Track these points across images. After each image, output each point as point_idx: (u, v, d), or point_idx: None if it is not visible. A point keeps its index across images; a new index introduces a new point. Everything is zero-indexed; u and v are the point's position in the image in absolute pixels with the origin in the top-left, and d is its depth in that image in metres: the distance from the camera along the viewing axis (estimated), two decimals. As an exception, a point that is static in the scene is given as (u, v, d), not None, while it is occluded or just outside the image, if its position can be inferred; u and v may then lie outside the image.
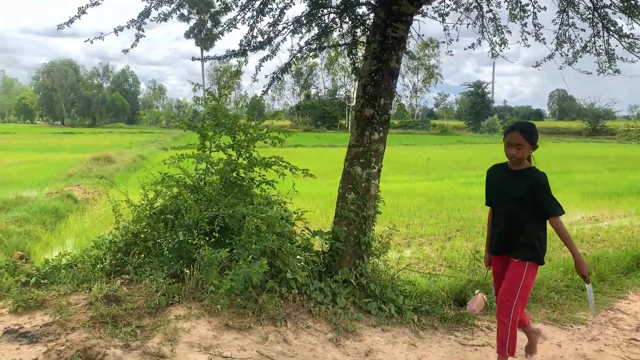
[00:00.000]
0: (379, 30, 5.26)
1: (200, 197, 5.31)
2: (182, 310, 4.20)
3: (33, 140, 42.70)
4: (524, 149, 3.71)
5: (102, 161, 22.42)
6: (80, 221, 11.63)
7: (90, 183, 16.88)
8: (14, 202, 12.78)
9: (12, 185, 16.29)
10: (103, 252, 5.30)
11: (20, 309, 4.33)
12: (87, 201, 14.25)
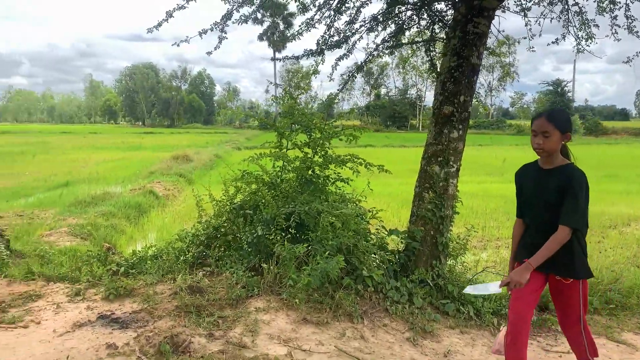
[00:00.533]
0: (459, 26, 5.15)
1: (277, 193, 5.42)
2: (261, 302, 4.31)
3: (117, 140, 45.25)
4: (551, 139, 3.03)
5: (181, 160, 23.37)
6: (161, 216, 12.19)
7: (170, 180, 17.65)
8: (102, 198, 13.60)
9: (100, 181, 17.33)
10: (186, 245, 5.53)
11: (111, 296, 4.61)
12: (168, 197, 14.92)
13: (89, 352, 3.57)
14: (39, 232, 9.79)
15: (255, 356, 3.42)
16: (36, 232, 9.71)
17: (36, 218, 11.37)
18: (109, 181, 17.49)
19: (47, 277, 5.41)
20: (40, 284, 5.23)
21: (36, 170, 20.83)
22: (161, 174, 19.01)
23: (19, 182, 17.79)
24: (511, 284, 3.02)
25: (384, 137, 47.92)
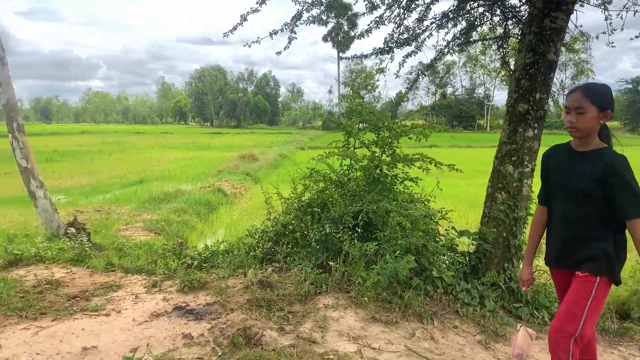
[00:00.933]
0: (536, 21, 4.97)
1: (345, 192, 5.44)
2: (330, 299, 4.34)
3: (187, 140, 46.91)
4: (587, 116, 2.58)
5: (247, 159, 23.92)
6: (229, 213, 12.53)
7: (237, 179, 18.09)
8: (173, 195, 14.15)
9: (172, 179, 18.03)
10: (256, 241, 5.66)
11: (186, 288, 4.79)
12: (235, 195, 15.31)
13: (166, 341, 3.72)
14: (116, 227, 10.31)
15: (325, 352, 3.45)
16: (114, 227, 10.24)
17: (113, 213, 11.98)
18: (180, 179, 18.15)
19: (125, 268, 5.70)
20: (120, 275, 5.51)
21: (112, 169, 21.96)
22: (229, 173, 19.53)
23: (97, 179, 18.80)
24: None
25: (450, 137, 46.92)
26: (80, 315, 4.30)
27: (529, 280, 3.10)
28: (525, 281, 3.10)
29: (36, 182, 7.75)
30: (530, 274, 3.09)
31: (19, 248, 6.00)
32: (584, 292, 2.64)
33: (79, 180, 18.26)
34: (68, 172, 20.22)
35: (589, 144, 2.68)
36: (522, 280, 3.11)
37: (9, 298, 4.57)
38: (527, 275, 3.09)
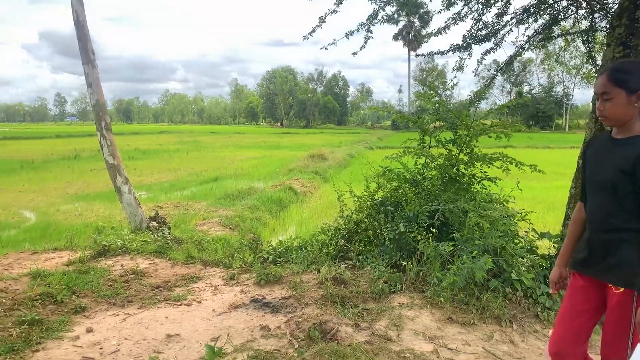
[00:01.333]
0: (627, 13, 4.69)
1: (420, 191, 5.38)
2: (404, 298, 4.31)
3: (258, 139, 48.01)
4: (615, 102, 2.22)
5: (317, 158, 24.15)
6: (299, 211, 12.71)
7: (307, 177, 18.31)
8: (247, 192, 14.54)
9: (245, 177, 18.52)
10: (329, 238, 5.71)
11: (262, 281, 4.91)
12: (305, 193, 15.51)
13: (244, 331, 3.84)
14: (194, 222, 10.73)
15: (401, 350, 3.43)
16: (191, 222, 10.66)
17: (190, 209, 12.47)
18: (252, 177, 18.60)
19: (204, 261, 5.92)
20: (199, 267, 5.74)
21: (189, 166, 22.86)
22: (299, 172, 19.80)
23: (175, 176, 19.62)
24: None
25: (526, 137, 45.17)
26: (163, 304, 4.52)
27: (559, 282, 2.66)
28: (554, 283, 2.66)
29: (122, 178, 8.21)
30: (560, 276, 2.64)
31: (107, 240, 6.39)
32: (625, 312, 2.17)
33: (158, 177, 19.14)
34: (149, 169, 21.25)
35: (628, 131, 2.27)
36: (551, 281, 2.67)
37: (98, 286, 4.88)
38: (556, 277, 2.65)
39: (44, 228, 10.00)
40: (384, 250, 5.15)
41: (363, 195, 5.75)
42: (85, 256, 5.94)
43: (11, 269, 5.63)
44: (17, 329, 3.83)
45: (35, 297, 4.46)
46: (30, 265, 5.73)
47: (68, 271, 5.29)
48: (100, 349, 3.61)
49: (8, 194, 15.29)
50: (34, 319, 3.97)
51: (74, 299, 4.52)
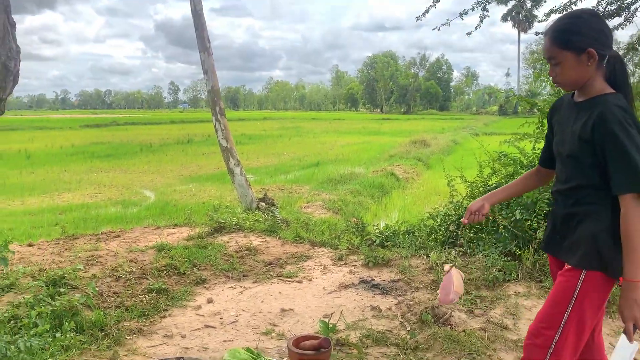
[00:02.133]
0: None
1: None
2: (520, 287, 4.14)
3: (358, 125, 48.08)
4: (565, 65, 1.93)
5: (419, 144, 23.74)
6: (402, 197, 12.60)
7: (409, 164, 18.07)
8: (348, 177, 14.65)
9: (346, 162, 18.66)
10: (438, 224, 5.61)
11: (370, 263, 4.93)
12: (407, 180, 15.33)
13: (355, 310, 3.89)
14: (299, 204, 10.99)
15: (518, 339, 3.30)
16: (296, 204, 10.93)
17: (294, 192, 12.80)
18: (353, 162, 18.69)
19: (312, 241, 6.06)
20: (307, 247, 5.89)
21: (292, 151, 23.45)
22: (400, 158, 19.59)
23: (279, 160, 20.24)
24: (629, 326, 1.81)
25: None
26: (276, 280, 4.69)
27: (475, 214, 2.32)
28: (469, 212, 2.33)
29: (234, 160, 8.60)
30: (480, 208, 2.31)
31: (222, 217, 6.74)
32: (566, 291, 1.93)
33: (264, 161, 19.86)
34: (254, 153, 22.09)
35: (588, 92, 1.97)
36: (467, 209, 2.35)
37: (216, 260, 5.17)
38: (475, 207, 2.32)
39: (163, 206, 10.77)
40: (497, 238, 4.96)
41: (475, 180, 5.57)
42: (203, 232, 6.32)
43: (138, 242, 6.12)
44: (146, 296, 4.17)
45: (161, 268, 4.82)
46: (155, 239, 6.20)
47: (188, 245, 5.66)
48: (220, 319, 3.83)
49: (130, 175, 16.64)
50: (160, 288, 4.30)
51: (195, 271, 4.83)
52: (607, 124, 1.82)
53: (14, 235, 8.06)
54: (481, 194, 5.45)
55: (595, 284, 1.91)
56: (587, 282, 1.90)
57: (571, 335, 1.93)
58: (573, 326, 1.92)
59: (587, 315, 1.93)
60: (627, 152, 1.78)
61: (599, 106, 1.87)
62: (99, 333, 3.45)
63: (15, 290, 4.17)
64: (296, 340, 3.08)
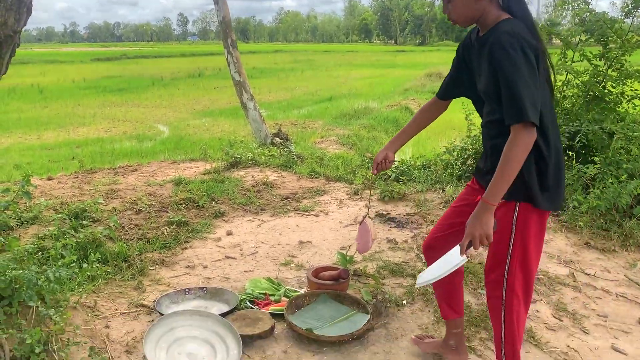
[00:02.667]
0: None
1: (559, 110, 5.00)
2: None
3: (371, 58, 47.06)
4: (455, 3, 1.93)
5: (434, 77, 23.24)
6: (416, 132, 12.47)
7: (424, 97, 17.79)
8: (362, 112, 14.50)
9: (359, 97, 18.41)
10: (454, 158, 5.58)
11: (386, 197, 4.96)
12: (422, 114, 15.13)
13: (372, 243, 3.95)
14: (312, 139, 10.97)
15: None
16: (310, 139, 10.90)
17: (307, 127, 12.74)
18: (367, 97, 18.44)
19: (327, 176, 6.08)
20: (322, 182, 5.92)
21: (304, 85, 23.14)
22: (415, 92, 19.30)
23: (291, 95, 20.02)
24: (475, 242, 1.85)
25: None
26: (293, 214, 4.76)
27: (382, 164, 2.42)
28: (376, 163, 2.43)
29: (247, 95, 8.51)
30: (385, 158, 2.41)
31: (238, 152, 6.76)
32: (505, 226, 1.94)
33: (276, 96, 19.66)
34: (266, 88, 21.83)
35: (485, 25, 1.94)
36: (374, 161, 2.44)
37: (233, 194, 5.23)
38: (380, 158, 2.42)
39: (177, 141, 10.80)
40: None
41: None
42: (219, 167, 6.36)
43: (155, 176, 6.19)
44: (167, 229, 4.26)
45: (180, 201, 4.89)
46: (172, 173, 6.26)
47: (205, 180, 5.71)
48: (240, 250, 3.92)
49: (143, 109, 16.62)
50: (180, 221, 4.38)
51: (214, 204, 4.90)
52: (494, 54, 1.80)
53: (33, 169, 8.21)
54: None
55: (528, 215, 1.93)
56: (522, 214, 1.92)
57: (519, 269, 1.98)
58: (518, 259, 1.97)
59: (531, 248, 1.97)
60: (510, 80, 1.74)
61: (494, 36, 1.83)
62: (122, 264, 3.55)
63: (39, 223, 4.27)
64: (315, 270, 3.15)
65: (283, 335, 2.70)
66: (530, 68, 1.75)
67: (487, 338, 2.67)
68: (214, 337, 2.56)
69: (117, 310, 2.96)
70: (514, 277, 1.98)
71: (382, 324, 2.79)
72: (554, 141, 1.91)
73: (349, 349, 2.57)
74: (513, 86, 1.73)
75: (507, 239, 1.95)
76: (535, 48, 1.79)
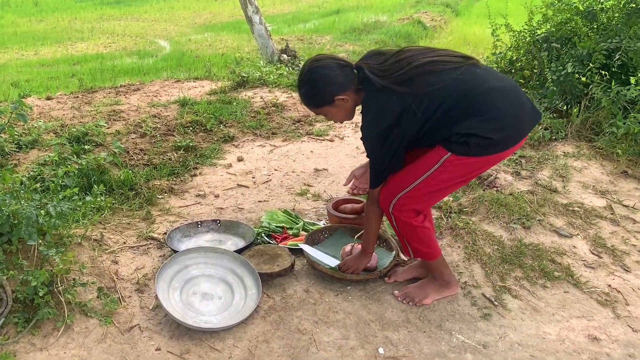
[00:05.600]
0: None
1: (596, 25, 4.57)
2: (569, 147, 3.88)
3: (380, -32, 44.54)
4: (330, 115, 2.19)
5: (447, -12, 21.98)
6: (430, 47, 11.90)
7: (437, 10, 16.92)
8: (372, 26, 13.78)
9: (368, 9, 17.52)
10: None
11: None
12: (435, 28, 14.40)
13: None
14: (321, 56, 10.44)
15: (569, 203, 3.12)
16: (318, 56, 10.38)
17: (315, 43, 12.14)
18: (376, 10, 17.54)
19: (340, 97, 5.74)
20: (335, 103, 5.59)
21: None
22: (427, 4, 18.30)
23: (296, 7, 19.07)
24: (347, 269, 2.41)
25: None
26: (306, 139, 4.49)
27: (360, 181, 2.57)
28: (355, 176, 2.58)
29: (252, 7, 7.96)
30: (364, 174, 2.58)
31: (245, 71, 6.37)
32: (428, 158, 2.07)
33: (280, 9, 18.73)
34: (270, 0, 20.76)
35: None
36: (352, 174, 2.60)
37: (242, 117, 4.94)
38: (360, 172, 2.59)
39: (179, 58, 10.30)
40: (543, 94, 4.59)
41: (523, 30, 5.03)
42: (226, 87, 6.02)
43: (159, 96, 5.87)
44: (174, 154, 4.02)
45: (186, 124, 4.62)
46: (176, 92, 5.93)
47: (212, 100, 5.40)
48: (252, 178, 3.70)
49: (143, 23, 15.87)
50: (188, 145, 4.13)
51: (222, 128, 4.62)
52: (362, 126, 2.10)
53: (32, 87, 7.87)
54: (528, 45, 4.97)
55: (455, 164, 2.04)
56: (450, 162, 2.04)
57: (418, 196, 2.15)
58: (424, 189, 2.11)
59: (439, 189, 2.14)
60: (370, 153, 2.13)
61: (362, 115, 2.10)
62: (129, 192, 3.35)
63: (39, 147, 4.04)
64: (335, 203, 2.94)
65: (304, 273, 2.53)
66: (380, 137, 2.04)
67: (522, 277, 2.50)
68: (231, 276, 2.39)
69: (126, 243, 2.79)
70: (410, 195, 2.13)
71: (408, 260, 2.61)
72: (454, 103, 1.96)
73: (375, 288, 2.41)
74: (372, 158, 2.14)
75: (418, 174, 2.09)
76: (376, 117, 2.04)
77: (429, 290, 2.33)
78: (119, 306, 2.23)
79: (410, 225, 2.17)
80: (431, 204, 2.26)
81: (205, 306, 2.26)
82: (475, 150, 1.97)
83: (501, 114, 1.95)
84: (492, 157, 2.02)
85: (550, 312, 2.28)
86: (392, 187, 2.15)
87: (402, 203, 2.13)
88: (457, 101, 1.94)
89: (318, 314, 2.24)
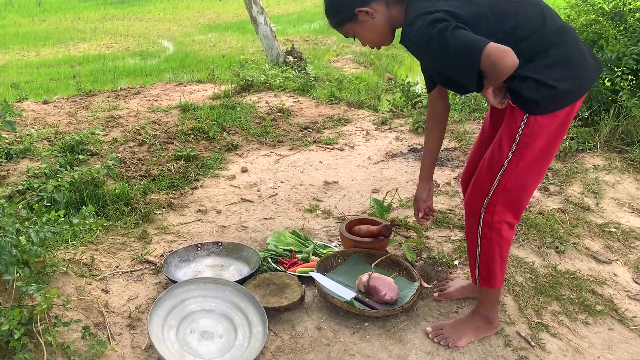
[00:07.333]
0: None
1: (624, 27, 4.29)
2: (599, 159, 3.60)
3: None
4: (358, 34, 1.85)
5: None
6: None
7: (445, 11, 16.64)
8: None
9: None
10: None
11: (419, 129, 4.40)
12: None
13: (408, 185, 3.45)
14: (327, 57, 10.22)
15: (604, 223, 2.85)
16: (324, 57, 10.15)
17: (320, 44, 11.90)
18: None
19: (348, 102, 5.49)
20: (344, 108, 5.34)
21: (315, -4, 21.73)
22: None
23: (301, 7, 18.82)
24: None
25: None
26: (314, 147, 4.23)
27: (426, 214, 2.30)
28: (418, 211, 2.30)
29: (257, 7, 7.71)
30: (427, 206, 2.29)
31: (250, 74, 6.12)
32: (507, 131, 1.71)
33: (285, 8, 18.49)
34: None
35: (400, 25, 1.75)
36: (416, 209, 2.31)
37: (247, 123, 4.68)
38: (422, 206, 2.29)
39: (183, 58, 10.07)
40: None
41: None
42: (230, 90, 5.75)
43: (160, 101, 5.62)
44: (174, 164, 3.77)
45: (188, 131, 4.37)
46: (177, 96, 5.68)
47: (215, 105, 5.15)
48: (257, 191, 3.44)
49: (146, 23, 15.65)
50: (189, 155, 3.88)
51: (225, 135, 4.37)
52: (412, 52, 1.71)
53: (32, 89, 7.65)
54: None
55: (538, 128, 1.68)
56: (532, 125, 1.68)
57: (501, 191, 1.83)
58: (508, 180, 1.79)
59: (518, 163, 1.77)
60: (443, 66, 1.66)
61: (403, 36, 1.68)
62: (124, 207, 3.10)
63: (30, 157, 3.80)
64: (349, 224, 2.67)
65: (314, 305, 2.26)
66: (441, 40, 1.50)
67: (560, 311, 2.22)
68: (234, 311, 2.13)
69: (119, 267, 2.53)
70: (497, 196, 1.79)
71: (432, 291, 2.34)
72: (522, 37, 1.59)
73: (396, 325, 2.14)
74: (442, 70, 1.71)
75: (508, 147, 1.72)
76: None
77: (467, 329, 2.05)
78: (107, 348, 1.96)
79: (499, 239, 1.82)
80: (528, 197, 1.84)
81: (204, 347, 2.00)
82: (544, 104, 1.60)
83: (572, 58, 1.61)
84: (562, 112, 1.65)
85: (595, 354, 2.01)
86: (480, 183, 1.81)
87: (494, 203, 1.78)
88: (525, 31, 1.58)
89: (332, 357, 1.97)
